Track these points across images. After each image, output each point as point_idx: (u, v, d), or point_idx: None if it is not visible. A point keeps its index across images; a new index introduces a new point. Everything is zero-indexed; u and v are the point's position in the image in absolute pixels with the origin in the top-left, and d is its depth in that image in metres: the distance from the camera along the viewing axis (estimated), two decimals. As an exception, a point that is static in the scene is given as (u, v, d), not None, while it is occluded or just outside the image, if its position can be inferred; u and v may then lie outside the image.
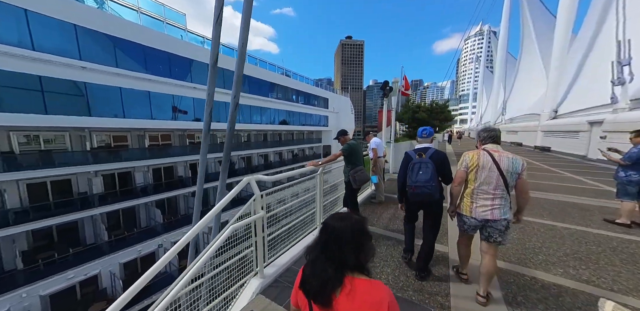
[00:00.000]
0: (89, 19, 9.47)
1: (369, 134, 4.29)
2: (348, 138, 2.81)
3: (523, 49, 34.03)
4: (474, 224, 1.76)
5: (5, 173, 8.39)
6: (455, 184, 1.84)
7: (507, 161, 1.67)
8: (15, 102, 8.35)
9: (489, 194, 1.69)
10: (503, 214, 1.67)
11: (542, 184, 5.91)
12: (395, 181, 2.53)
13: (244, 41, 1.77)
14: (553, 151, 13.50)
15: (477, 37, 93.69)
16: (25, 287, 8.07)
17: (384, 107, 6.20)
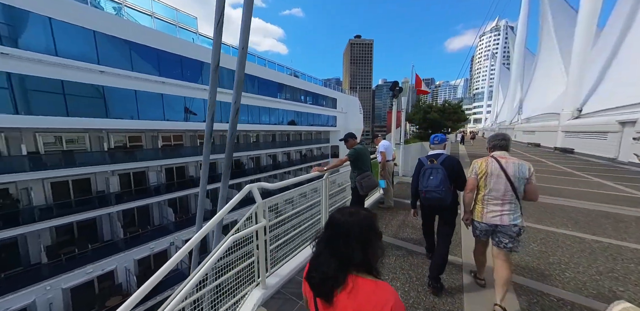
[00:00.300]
0: (107, 25, 9.89)
1: (377, 137, 4.15)
2: (355, 142, 2.70)
3: (542, 44, 32.30)
4: (484, 229, 1.80)
5: (32, 172, 8.92)
6: (467, 191, 1.87)
7: (513, 167, 1.72)
8: (42, 105, 8.86)
9: (499, 200, 1.73)
10: (513, 220, 1.69)
11: (565, 190, 5.43)
12: (405, 185, 3.23)
13: (245, 45, 1.71)
14: (576, 153, 12.64)
15: (493, 33, 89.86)
16: (49, 280, 8.53)
17: (393, 108, 6.02)
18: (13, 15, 8.02)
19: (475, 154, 13.86)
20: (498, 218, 1.72)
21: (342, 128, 32.44)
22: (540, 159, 11.34)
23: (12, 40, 8.09)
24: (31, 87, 8.58)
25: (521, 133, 26.46)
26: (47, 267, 8.86)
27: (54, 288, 8.57)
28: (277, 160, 23.16)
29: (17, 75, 8.15)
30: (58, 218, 9.27)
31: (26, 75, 8.33)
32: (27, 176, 8.81)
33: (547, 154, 13.73)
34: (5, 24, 7.94)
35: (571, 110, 14.72)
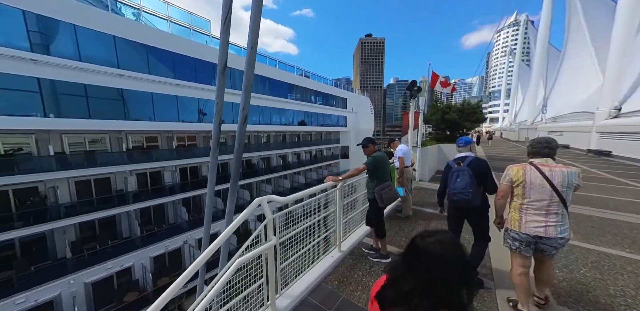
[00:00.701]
0: (127, 30, 10.27)
1: (394, 141, 3.88)
2: (374, 148, 2.44)
3: (569, 38, 29.99)
4: (525, 240, 1.66)
5: (59, 172, 9.44)
6: (498, 198, 1.80)
7: (561, 176, 1.58)
8: (69, 108, 9.36)
9: (542, 211, 1.61)
10: (560, 233, 1.57)
11: (611, 200, 4.77)
12: (422, 191, 3.38)
13: (254, 44, 1.53)
14: (614, 156, 11.49)
15: (512, 28, 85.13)
16: (73, 274, 8.98)
17: (410, 109, 5.69)
18: (45, 24, 8.51)
19: (495, 156, 13.02)
20: (542, 229, 1.59)
21: (352, 128, 32.01)
22: (573, 163, 10.40)
23: (44, 47, 8.60)
24: (59, 91, 9.07)
25: (546, 133, 24.72)
26: (71, 262, 9.33)
27: (77, 282, 9.01)
28: (287, 160, 23.22)
29: (46, 80, 8.64)
30: (82, 215, 9.75)
31: (54, 80, 8.81)
32: (54, 175, 9.33)
33: (580, 157, 12.61)
34: (38, 32, 8.43)
35: (608, 109, 13.42)
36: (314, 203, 2.20)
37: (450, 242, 0.69)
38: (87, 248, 9.98)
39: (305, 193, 2.00)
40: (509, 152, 15.35)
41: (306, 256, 2.17)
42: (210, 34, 14.00)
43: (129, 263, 10.48)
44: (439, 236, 0.71)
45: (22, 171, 8.75)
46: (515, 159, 11.46)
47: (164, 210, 13.71)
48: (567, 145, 17.77)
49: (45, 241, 9.71)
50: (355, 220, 3.03)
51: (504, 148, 19.18)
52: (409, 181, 3.76)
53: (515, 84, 56.25)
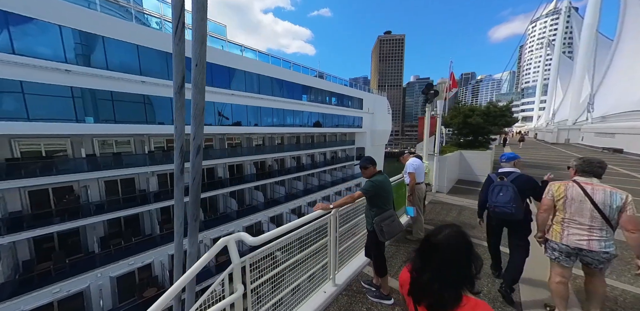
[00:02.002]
0: (151, 39, 10.88)
1: (404, 155, 3.46)
2: (374, 170, 2.08)
3: (625, 26, 26.09)
4: (565, 251, 1.75)
5: (90, 172, 10.29)
6: (541, 211, 1.90)
7: (602, 195, 1.65)
8: (104, 114, 10.16)
9: (584, 226, 1.69)
10: (605, 248, 1.62)
11: None
12: (439, 205, 3.63)
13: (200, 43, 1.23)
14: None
15: (550, 17, 76.66)
16: (100, 268, 9.72)
17: (426, 114, 5.16)
18: (86, 38, 9.32)
19: (526, 161, 11.59)
20: (585, 243, 1.67)
21: (368, 129, 31.14)
22: (629, 172, 8.84)
23: (85, 57, 9.45)
24: (96, 98, 9.87)
25: (592, 135, 21.72)
26: (99, 257, 10.11)
27: (103, 276, 9.73)
28: (301, 162, 23.20)
29: (85, 89, 9.42)
30: (110, 212, 10.52)
31: (89, 88, 9.58)
32: (87, 176, 10.19)
33: (638, 165, 10.78)
34: (80, 44, 9.24)
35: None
36: (302, 234, 1.92)
37: (456, 234, 0.82)
38: (114, 244, 10.76)
39: (292, 225, 1.74)
40: (545, 158, 13.65)
41: (290, 299, 1.90)
42: (225, 39, 14.36)
43: (149, 260, 11.10)
44: (447, 230, 0.83)
45: (60, 171, 9.65)
46: (551, 166, 10.08)
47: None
48: (621, 149, 15.35)
49: (79, 236, 10.65)
50: (355, 246, 2.69)
51: (539, 152, 17.18)
52: (421, 200, 3.32)
53: (553, 79, 50.68)
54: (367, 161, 2.09)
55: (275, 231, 1.63)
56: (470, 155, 6.95)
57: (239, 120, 16.14)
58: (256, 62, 16.56)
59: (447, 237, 0.81)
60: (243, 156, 17.06)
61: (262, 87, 17.11)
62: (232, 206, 15.72)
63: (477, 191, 6.01)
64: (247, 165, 17.86)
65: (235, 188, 15.90)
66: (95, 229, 10.72)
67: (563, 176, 2.36)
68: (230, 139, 17.37)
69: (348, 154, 30.47)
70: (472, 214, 4.27)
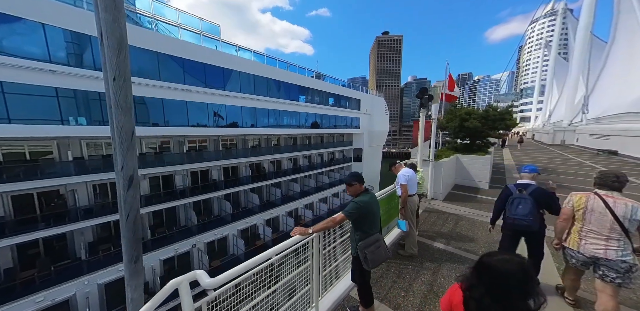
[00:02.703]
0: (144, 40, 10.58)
1: (395, 164, 3.27)
2: (360, 188, 1.86)
3: (618, 28, 26.27)
4: (582, 260, 1.84)
5: (78, 176, 9.95)
6: (560, 220, 2.00)
7: (623, 208, 1.71)
8: (92, 115, 9.88)
9: (602, 235, 1.75)
10: (622, 256, 1.68)
11: None
12: (435, 214, 3.69)
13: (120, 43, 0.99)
14: (678, 168, 9.57)
15: (548, 18, 77.24)
16: (88, 275, 9.42)
17: (420, 118, 4.98)
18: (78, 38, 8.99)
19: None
20: (602, 251, 1.73)
21: (365, 130, 31.00)
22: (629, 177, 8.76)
23: (74, 57, 9.24)
24: (83, 99, 9.61)
25: (587, 137, 21.80)
26: (87, 263, 9.78)
27: (91, 283, 9.44)
28: (298, 164, 22.96)
29: (71, 90, 9.12)
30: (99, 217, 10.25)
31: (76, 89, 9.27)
32: (74, 179, 9.88)
33: (634, 168, 10.72)
34: (71, 42, 8.96)
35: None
36: (278, 263, 1.71)
37: (518, 262, 0.85)
38: (103, 249, 10.45)
39: (263, 257, 1.52)
40: (543, 160, 13.60)
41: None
42: (219, 39, 14.08)
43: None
44: (503, 256, 0.89)
45: (45, 175, 9.31)
46: (549, 169, 10.00)
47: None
48: (615, 151, 15.36)
49: (66, 242, 10.32)
50: (342, 267, 2.47)
51: (537, 154, 17.15)
52: (414, 213, 3.12)
53: (550, 80, 51.08)
54: (352, 177, 1.88)
55: (244, 265, 1.41)
56: (467, 160, 6.79)
57: (233, 121, 15.88)
58: (251, 62, 16.30)
59: (504, 261, 0.85)
60: (238, 158, 16.78)
61: (257, 88, 16.85)
62: (227, 208, 15.44)
63: (474, 198, 5.89)
64: (242, 167, 17.59)
65: (230, 190, 15.63)
66: (83, 235, 10.41)
67: (561, 180, 3.27)
68: (224, 141, 17.08)
69: (346, 155, 30.30)
70: (469, 225, 4.09)
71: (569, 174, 9.01)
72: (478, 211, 4.85)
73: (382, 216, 3.26)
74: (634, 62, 22.31)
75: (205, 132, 14.25)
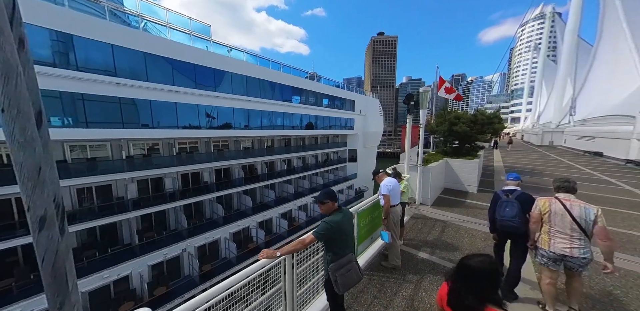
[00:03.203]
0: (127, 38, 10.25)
1: (379, 173, 3.20)
2: (333, 207, 1.78)
3: (604, 31, 27.05)
4: (552, 257, 2.08)
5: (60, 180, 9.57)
6: (531, 223, 2.26)
7: (578, 209, 1.99)
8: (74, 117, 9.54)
9: (567, 235, 2.01)
10: (583, 254, 1.96)
11: None
12: (422, 221, 3.91)
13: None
14: (659, 169, 9.88)
15: (537, 21, 79.15)
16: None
17: (407, 123, 4.94)
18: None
19: (514, 167, 11.68)
20: (568, 250, 1.98)
21: (360, 131, 31.05)
22: (608, 178, 8.97)
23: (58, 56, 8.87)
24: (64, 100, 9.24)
25: (574, 138, 22.40)
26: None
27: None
28: (292, 165, 22.80)
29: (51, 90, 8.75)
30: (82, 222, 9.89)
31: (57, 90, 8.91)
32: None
33: (617, 170, 11.00)
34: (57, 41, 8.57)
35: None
36: (243, 289, 1.60)
37: (489, 261, 1.09)
38: (87, 256, 10.11)
39: (220, 289, 1.41)
40: (532, 162, 13.85)
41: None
42: (210, 39, 13.81)
43: (127, 272, 10.49)
44: (480, 258, 1.10)
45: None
46: (537, 172, 10.17)
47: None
48: (601, 153, 15.79)
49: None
50: (319, 284, 2.39)
51: (525, 155, 17.48)
52: (397, 224, 3.06)
53: (539, 82, 52.38)
54: (325, 195, 1.80)
55: (202, 297, 1.31)
56: (456, 164, 6.82)
57: (225, 122, 15.63)
58: (243, 63, 16.06)
59: (480, 262, 1.07)
60: (231, 160, 16.52)
61: (250, 89, 16.63)
62: (219, 211, 15.19)
63: (462, 203, 5.91)
64: (235, 169, 17.34)
65: (222, 192, 15.37)
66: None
67: (546, 183, 3.40)
68: (216, 142, 16.79)
69: (340, 156, 30.29)
70: (455, 233, 4.07)
71: (558, 177, 9.18)
72: (465, 217, 4.85)
73: (366, 227, 3.20)
74: (618, 66, 23.01)
75: (195, 134, 13.96)
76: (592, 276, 2.81)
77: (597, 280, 2.79)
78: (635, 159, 11.61)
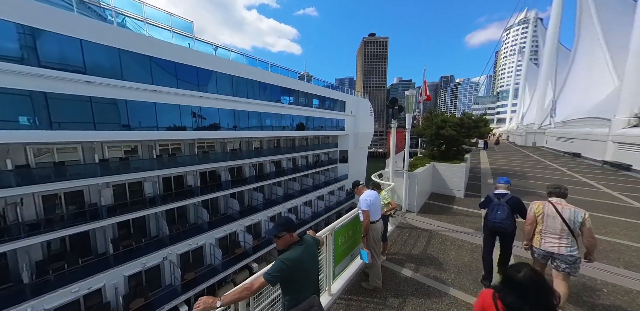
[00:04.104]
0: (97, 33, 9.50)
1: (358, 186, 2.93)
2: (290, 239, 1.49)
3: (580, 35, 28.32)
4: (542, 254, 2.34)
5: (20, 187, 8.75)
6: (527, 224, 2.47)
7: (568, 212, 2.23)
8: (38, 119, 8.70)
9: (556, 235, 2.25)
10: (570, 252, 2.17)
11: None
12: (407, 231, 4.04)
13: None
14: (636, 171, 10.27)
15: (521, 26, 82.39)
16: (33, 300, 8.22)
17: (392, 128, 4.72)
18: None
19: (500, 169, 11.84)
20: (556, 248, 2.23)
21: (351, 132, 30.98)
22: (587, 180, 9.19)
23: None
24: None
25: (554, 139, 23.28)
26: (32, 286, 8.63)
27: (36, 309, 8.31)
28: (282, 166, 22.34)
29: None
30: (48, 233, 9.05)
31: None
32: (14, 192, 8.66)
33: (594, 171, 11.35)
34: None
35: (627, 116, 12.12)
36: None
37: (537, 273, 1.14)
38: (54, 269, 9.32)
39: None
40: (515, 164, 14.15)
41: None
42: (193, 36, 13.16)
43: (99, 284, 9.75)
44: (527, 269, 1.14)
45: None
46: (522, 174, 10.33)
47: (145, 223, 13.09)
48: (579, 154, 16.40)
49: (7, 261, 9.06)
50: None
51: (510, 157, 17.90)
52: (377, 242, 2.79)
53: (523, 85, 54.40)
54: (279, 228, 1.48)
55: None
56: (443, 168, 6.70)
57: (211, 123, 15.00)
58: (228, 62, 15.46)
59: (528, 276, 1.12)
60: (217, 162, 15.88)
61: (237, 89, 16.06)
62: (204, 216, 14.54)
63: (449, 209, 5.72)
64: (221, 171, 16.70)
65: (207, 196, 14.73)
66: (28, 253, 9.19)
67: (534, 186, 5.13)
68: (201, 144, 16.10)
69: (331, 157, 30.08)
70: (441, 245, 3.87)
71: (541, 179, 9.33)
72: (451, 225, 4.68)
73: (345, 244, 2.91)
74: (594, 71, 24.12)
75: (177, 136, 13.26)
76: (579, 294, 2.71)
77: (585, 298, 2.68)
78: (610, 161, 12.05)
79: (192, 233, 13.61)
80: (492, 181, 8.45)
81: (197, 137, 14.52)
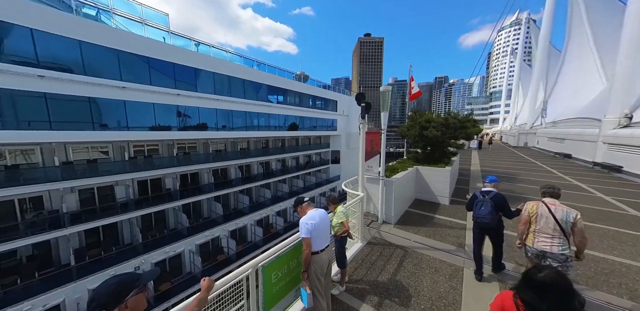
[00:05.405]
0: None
1: (302, 204, 2.29)
2: None
3: (571, 36, 28.42)
4: (535, 253, 2.39)
5: None
6: (521, 224, 2.52)
7: (561, 213, 2.29)
8: None
9: (549, 235, 2.30)
10: (561, 250, 2.25)
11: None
12: (379, 250, 3.72)
13: None
14: (626, 173, 9.95)
15: (513, 27, 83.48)
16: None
17: (361, 131, 4.09)
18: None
19: (491, 171, 11.41)
20: (548, 247, 2.29)
21: (343, 132, 30.44)
22: (579, 183, 8.78)
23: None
24: None
25: (545, 140, 23.16)
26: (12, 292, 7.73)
27: None
28: (271, 168, 21.60)
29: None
30: None
31: None
32: None
33: (585, 173, 11.01)
34: None
35: (617, 116, 11.85)
36: None
37: (559, 274, 1.13)
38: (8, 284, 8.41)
39: None
40: (507, 165, 13.78)
41: None
42: (169, 30, 12.33)
43: (57, 300, 8.88)
44: (549, 271, 1.13)
45: None
46: (513, 176, 9.90)
47: (117, 230, 12.22)
48: (570, 155, 16.17)
49: None
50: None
51: (502, 158, 17.58)
52: (322, 276, 2.15)
53: (516, 85, 54.77)
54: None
55: None
56: (427, 172, 6.14)
57: (194, 124, 14.20)
58: (211, 58, 14.66)
59: (553, 274, 1.11)
60: (199, 164, 15.05)
61: (220, 87, 15.28)
62: (183, 221, 13.73)
63: (430, 219, 5.04)
64: (204, 173, 15.88)
65: (187, 200, 13.92)
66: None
67: (525, 191, 4.78)
68: (181, 144, 15.25)
69: (323, 158, 29.46)
70: (415, 268, 3.26)
71: (532, 182, 8.90)
72: (431, 240, 4.09)
73: (283, 280, 2.26)
74: (583, 72, 24.15)
75: (150, 136, 12.39)
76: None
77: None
78: (601, 162, 11.76)
79: (171, 239, 12.81)
80: (481, 185, 7.95)
81: (173, 137, 13.67)
